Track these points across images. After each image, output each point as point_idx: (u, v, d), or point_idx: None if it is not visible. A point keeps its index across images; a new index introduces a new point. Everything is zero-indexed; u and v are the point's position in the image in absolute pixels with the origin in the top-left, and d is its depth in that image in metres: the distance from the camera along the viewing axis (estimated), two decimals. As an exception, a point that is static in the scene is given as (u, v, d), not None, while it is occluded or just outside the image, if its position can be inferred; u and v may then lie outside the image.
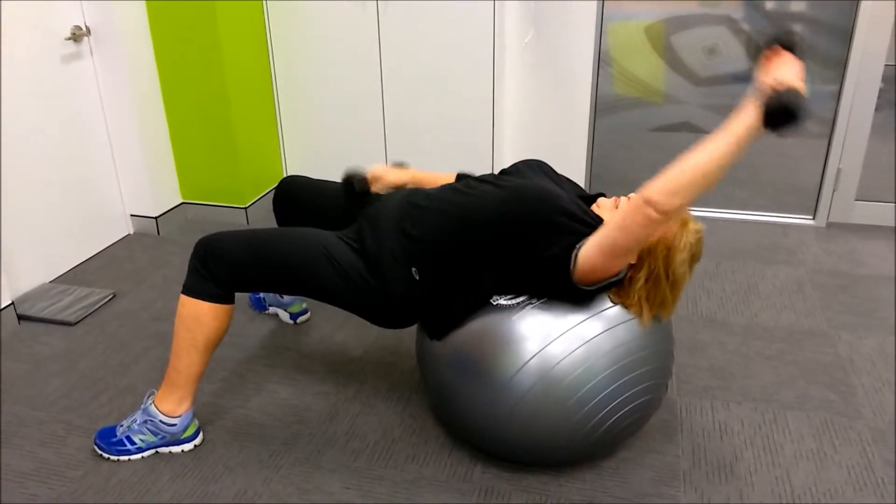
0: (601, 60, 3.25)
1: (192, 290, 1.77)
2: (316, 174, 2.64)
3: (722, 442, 1.93)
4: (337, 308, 1.89)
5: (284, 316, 2.51)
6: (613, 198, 1.76)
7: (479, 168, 3.26)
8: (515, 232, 1.64)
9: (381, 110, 3.33)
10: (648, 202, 1.46)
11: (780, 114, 1.36)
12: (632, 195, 1.71)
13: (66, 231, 2.90)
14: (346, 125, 3.41)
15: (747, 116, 1.41)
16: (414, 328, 2.13)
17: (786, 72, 1.41)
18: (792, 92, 1.36)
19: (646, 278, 1.65)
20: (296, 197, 2.15)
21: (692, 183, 1.44)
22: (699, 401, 2.09)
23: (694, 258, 1.67)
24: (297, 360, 2.30)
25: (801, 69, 1.43)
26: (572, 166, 3.42)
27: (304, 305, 2.52)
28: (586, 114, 3.30)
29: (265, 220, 3.36)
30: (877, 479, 1.80)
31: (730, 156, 1.42)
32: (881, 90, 3.01)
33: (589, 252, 1.58)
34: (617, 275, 1.65)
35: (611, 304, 1.68)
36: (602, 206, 1.76)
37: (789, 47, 1.45)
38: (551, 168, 1.92)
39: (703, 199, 3.36)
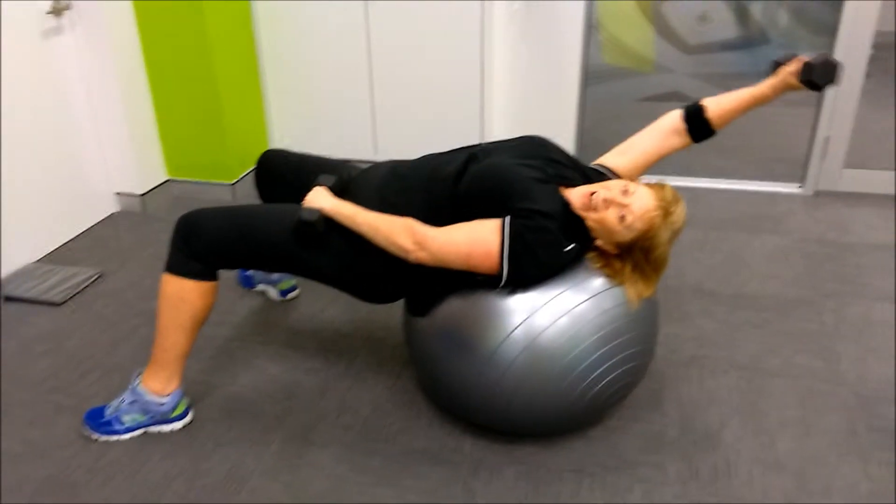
0: (591, 28, 3.22)
1: (174, 267, 1.76)
2: (303, 148, 2.61)
3: (708, 410, 1.95)
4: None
5: (273, 292, 2.51)
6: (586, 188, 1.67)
7: (468, 141, 3.24)
8: (476, 211, 1.64)
9: (368, 82, 3.30)
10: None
11: (301, 226, 1.74)
12: (609, 185, 1.66)
13: (50, 210, 2.88)
14: (333, 98, 3.37)
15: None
16: (402, 303, 2.13)
17: (310, 196, 1.76)
18: (309, 209, 1.74)
19: (632, 268, 1.66)
20: (277, 172, 2.13)
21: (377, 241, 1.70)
22: (686, 370, 2.11)
23: (674, 236, 1.64)
24: (286, 337, 2.30)
25: (323, 195, 1.76)
26: (561, 138, 3.38)
27: (294, 282, 2.52)
28: (576, 84, 3.28)
29: (253, 196, 3.32)
30: (860, 444, 1.82)
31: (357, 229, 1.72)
32: (871, 57, 2.99)
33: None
34: (497, 273, 1.63)
35: (594, 273, 1.68)
36: (574, 200, 1.68)
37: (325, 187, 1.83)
38: (551, 145, 1.82)
39: (691, 168, 3.35)
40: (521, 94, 3.35)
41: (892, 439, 1.83)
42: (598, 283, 1.67)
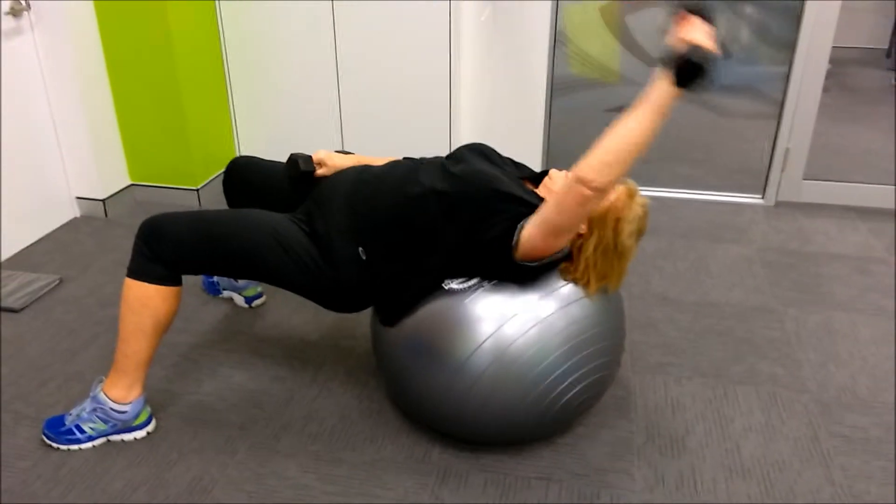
0: (557, 41, 3.25)
1: (137, 272, 1.73)
2: (269, 153, 2.59)
3: (674, 417, 1.97)
4: (292, 291, 1.88)
5: (239, 300, 2.48)
6: (565, 172, 1.76)
7: (436, 149, 3.24)
8: (456, 214, 1.64)
9: (336, 89, 3.29)
10: (581, 180, 1.47)
11: (689, 71, 1.41)
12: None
13: (9, 215, 2.80)
14: (300, 103, 3.35)
15: (662, 83, 1.44)
16: (369, 312, 2.13)
17: (693, 33, 1.44)
18: (699, 49, 1.40)
19: (594, 247, 1.67)
20: (246, 178, 2.10)
21: (621, 156, 1.45)
22: (652, 377, 2.13)
23: (640, 231, 1.69)
24: (252, 345, 2.27)
25: (710, 31, 1.46)
26: (529, 147, 3.42)
27: (260, 289, 2.49)
28: (543, 94, 3.31)
29: (218, 202, 3.29)
30: (822, 450, 1.86)
31: (653, 125, 1.45)
32: (828, 71, 3.08)
33: (530, 232, 1.59)
34: (561, 251, 1.65)
35: (564, 283, 1.69)
36: (554, 179, 1.76)
37: (698, 13, 1.49)
38: (493, 151, 1.91)
39: (656, 178, 3.40)
40: (490, 102, 3.37)
41: (852, 445, 1.88)
42: (568, 292, 1.69)
